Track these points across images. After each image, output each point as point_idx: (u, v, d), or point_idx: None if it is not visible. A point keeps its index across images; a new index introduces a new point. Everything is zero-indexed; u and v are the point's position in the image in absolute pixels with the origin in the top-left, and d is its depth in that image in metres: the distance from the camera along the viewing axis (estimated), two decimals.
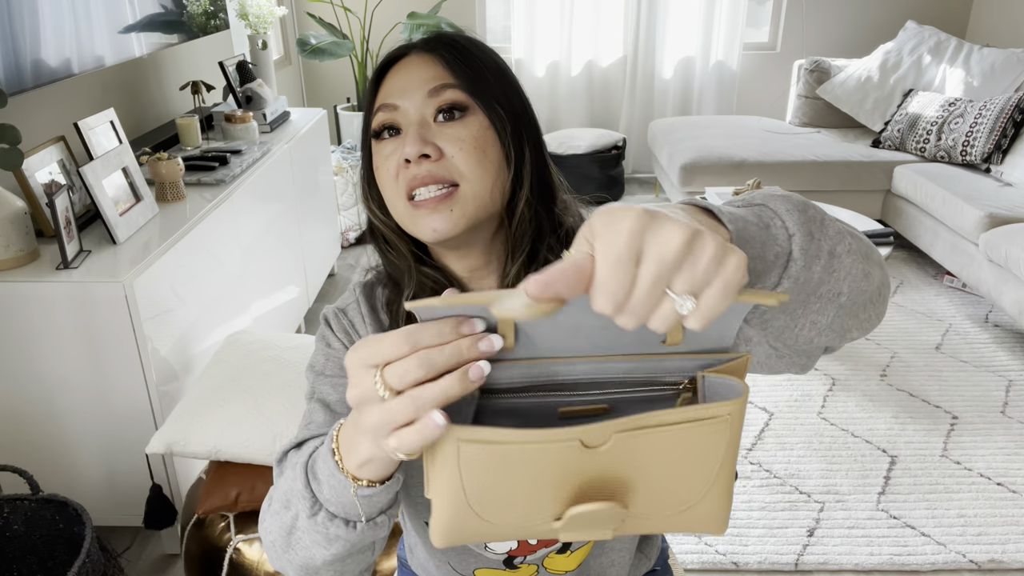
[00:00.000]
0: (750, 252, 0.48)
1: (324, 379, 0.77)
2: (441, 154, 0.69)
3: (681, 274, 0.38)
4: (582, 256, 0.39)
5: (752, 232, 0.49)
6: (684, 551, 1.79)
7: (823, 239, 0.52)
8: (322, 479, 0.59)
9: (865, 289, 0.57)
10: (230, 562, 1.40)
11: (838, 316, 0.56)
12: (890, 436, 2.21)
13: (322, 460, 0.59)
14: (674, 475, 0.47)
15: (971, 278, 2.87)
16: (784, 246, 0.51)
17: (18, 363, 1.60)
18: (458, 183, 0.69)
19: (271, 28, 3.14)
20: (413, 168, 0.69)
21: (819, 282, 0.53)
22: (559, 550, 0.83)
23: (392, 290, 0.79)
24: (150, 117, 2.52)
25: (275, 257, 2.42)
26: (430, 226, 0.69)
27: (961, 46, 3.74)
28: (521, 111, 0.75)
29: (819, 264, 0.52)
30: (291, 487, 0.62)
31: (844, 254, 0.53)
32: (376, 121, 0.73)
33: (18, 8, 1.66)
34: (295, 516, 0.61)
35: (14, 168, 1.58)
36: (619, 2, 4.21)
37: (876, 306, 0.61)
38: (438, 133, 0.70)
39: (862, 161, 3.48)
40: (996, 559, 1.77)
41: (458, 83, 0.71)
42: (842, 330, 0.58)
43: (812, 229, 0.52)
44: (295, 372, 1.58)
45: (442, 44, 0.73)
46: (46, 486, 1.70)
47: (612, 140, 4.11)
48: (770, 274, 0.51)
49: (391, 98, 0.72)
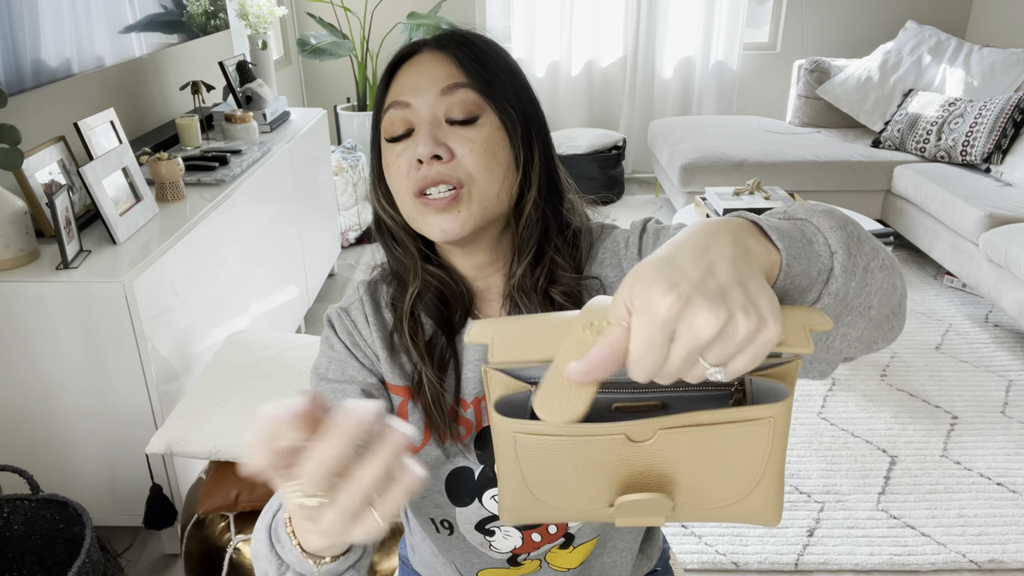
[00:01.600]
0: (796, 269, 0.49)
1: (326, 384, 0.77)
2: (452, 155, 0.69)
3: (712, 351, 0.41)
4: (617, 335, 0.42)
5: (798, 249, 0.50)
6: (684, 551, 1.79)
7: (859, 255, 0.53)
8: (285, 545, 0.58)
9: (891, 301, 0.58)
10: (230, 562, 1.40)
11: (867, 328, 0.57)
12: (890, 436, 2.21)
13: (283, 533, 0.58)
14: (717, 472, 0.50)
15: (971, 278, 2.87)
16: (826, 263, 0.52)
17: (18, 363, 1.60)
18: (465, 184, 0.69)
19: (271, 28, 3.14)
20: (424, 168, 0.69)
21: (853, 296, 0.53)
22: (561, 545, 0.84)
23: (396, 287, 0.79)
24: (150, 117, 2.52)
25: (275, 257, 2.42)
26: (438, 226, 0.70)
27: (961, 46, 3.74)
28: (531, 112, 0.75)
29: (855, 280, 0.53)
30: (257, 549, 0.62)
31: (877, 269, 0.54)
32: (387, 118, 0.72)
33: (18, 8, 1.66)
34: (265, 573, 0.62)
35: (14, 168, 1.58)
36: (619, 2, 4.21)
37: (899, 317, 0.61)
38: (450, 133, 0.70)
39: (862, 161, 3.48)
40: (996, 559, 1.77)
41: (471, 82, 0.71)
42: (869, 341, 0.59)
43: (851, 246, 0.53)
44: (295, 372, 1.58)
45: (455, 42, 0.73)
46: (46, 486, 1.70)
47: (612, 140, 4.11)
48: (812, 290, 0.52)
49: (403, 95, 0.71)
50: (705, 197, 2.87)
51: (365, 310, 0.79)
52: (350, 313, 0.80)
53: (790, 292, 0.50)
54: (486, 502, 0.80)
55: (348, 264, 3.43)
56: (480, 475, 0.79)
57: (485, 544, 0.83)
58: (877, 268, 0.54)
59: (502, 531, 0.81)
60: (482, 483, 0.79)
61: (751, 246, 0.46)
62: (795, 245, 0.50)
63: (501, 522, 0.52)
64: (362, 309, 0.80)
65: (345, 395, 0.76)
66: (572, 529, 0.82)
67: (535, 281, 0.75)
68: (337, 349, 0.78)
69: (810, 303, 0.52)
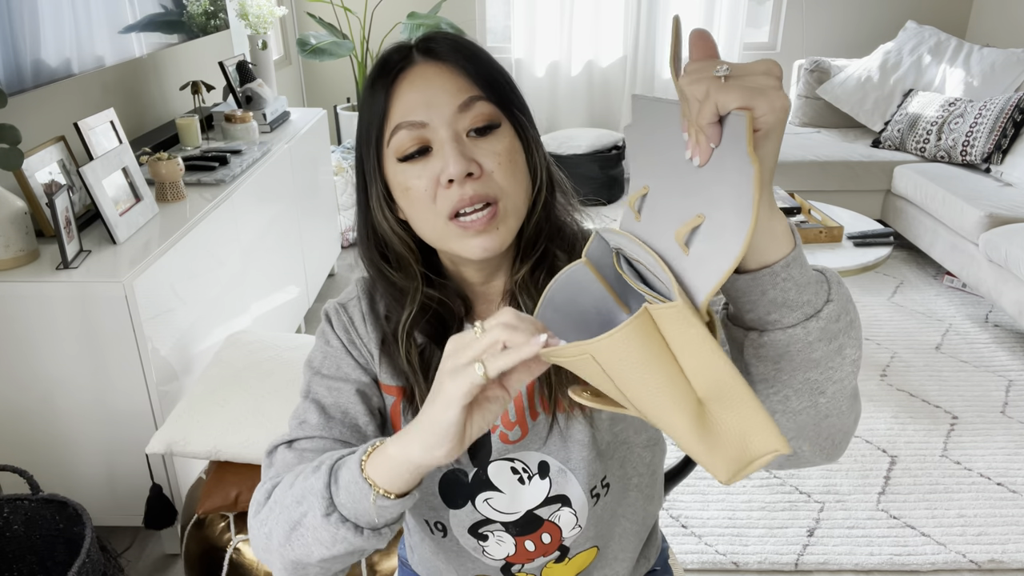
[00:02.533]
0: (797, 277, 0.52)
1: (320, 379, 0.77)
2: (482, 170, 0.67)
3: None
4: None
5: (804, 265, 0.53)
6: (684, 551, 1.79)
7: (846, 333, 0.55)
8: (342, 484, 0.60)
9: (839, 414, 0.58)
10: (230, 562, 1.40)
11: (807, 413, 0.57)
12: (890, 436, 2.21)
13: (346, 468, 0.60)
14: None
15: (971, 278, 2.87)
16: (817, 303, 0.53)
17: (18, 363, 1.60)
18: (500, 199, 0.68)
19: (271, 28, 3.14)
20: (457, 188, 0.66)
21: (815, 364, 0.54)
22: (556, 559, 0.83)
23: (391, 301, 0.78)
24: (150, 117, 2.52)
25: (275, 257, 2.42)
26: (480, 246, 0.68)
27: (961, 46, 3.74)
28: (528, 113, 0.75)
29: (827, 347, 0.54)
30: (308, 485, 0.62)
31: (849, 362, 0.56)
32: (397, 140, 0.68)
33: (18, 8, 1.66)
34: (304, 514, 0.62)
35: (14, 168, 1.58)
36: (619, 2, 4.21)
37: (826, 445, 0.61)
38: (475, 148, 0.68)
39: (862, 161, 3.48)
40: (996, 559, 1.77)
41: (485, 95, 0.69)
42: (798, 431, 0.58)
43: (845, 314, 0.54)
44: (295, 372, 1.58)
45: (451, 50, 0.70)
46: (46, 486, 1.70)
47: (612, 140, 4.11)
48: (794, 312, 0.53)
49: (415, 115, 0.67)
50: None
51: (362, 308, 0.79)
52: (348, 309, 0.80)
53: (780, 289, 0.52)
54: (479, 505, 0.80)
55: (348, 264, 3.43)
56: (474, 478, 0.79)
57: (478, 549, 0.83)
58: (850, 362, 0.56)
59: (495, 536, 0.81)
60: (475, 486, 0.79)
61: (778, 222, 0.51)
62: (805, 262, 0.53)
63: (685, 448, 0.52)
64: (359, 307, 0.79)
65: (339, 393, 0.76)
66: (566, 540, 0.82)
67: (536, 280, 0.75)
68: (333, 345, 0.78)
69: (786, 326, 0.53)
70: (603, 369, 0.50)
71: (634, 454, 0.82)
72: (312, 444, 0.72)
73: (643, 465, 0.84)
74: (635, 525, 0.87)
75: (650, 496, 0.87)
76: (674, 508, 1.93)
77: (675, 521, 1.89)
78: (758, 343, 0.55)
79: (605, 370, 0.50)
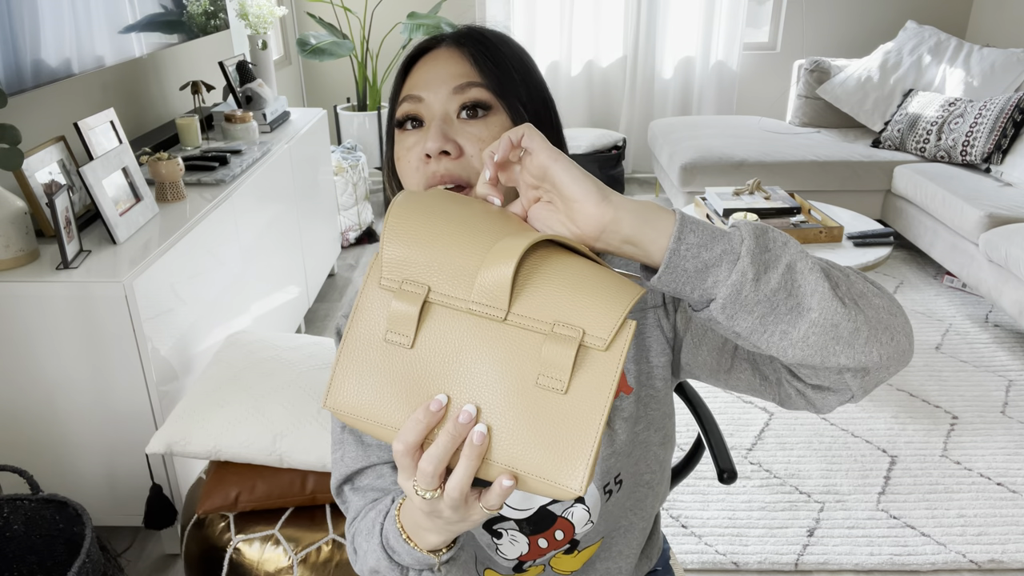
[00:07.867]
0: (694, 240, 0.55)
1: None
2: (461, 152, 0.70)
3: None
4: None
5: (704, 225, 0.56)
6: (684, 551, 1.79)
7: (782, 253, 0.56)
8: (401, 552, 0.65)
9: (845, 315, 0.57)
10: (230, 562, 1.40)
11: (813, 333, 0.57)
12: (890, 436, 2.21)
13: (396, 543, 0.65)
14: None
15: (971, 278, 2.87)
16: (735, 248, 0.55)
17: (18, 363, 1.60)
18: (473, 183, 0.70)
19: (271, 28, 3.14)
20: (432, 164, 0.70)
21: (778, 290, 0.56)
22: (566, 550, 0.84)
23: None
24: (150, 117, 2.52)
25: (275, 257, 2.42)
26: None
27: (961, 46, 3.74)
28: (544, 112, 0.76)
29: (775, 273, 0.55)
30: (375, 565, 0.68)
31: (807, 271, 0.56)
32: (400, 111, 0.74)
33: (18, 8, 1.66)
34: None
35: (14, 168, 1.58)
36: (619, 2, 4.21)
37: (879, 343, 0.60)
38: (460, 130, 0.71)
39: (862, 161, 3.48)
40: (996, 559, 1.77)
41: (484, 82, 0.72)
42: (821, 349, 0.58)
43: (767, 243, 0.56)
44: (295, 372, 1.58)
45: (472, 39, 0.74)
46: (46, 486, 1.71)
47: (612, 140, 4.11)
48: (720, 266, 0.55)
49: (416, 90, 0.73)
50: (705, 197, 2.87)
51: None
52: None
53: (688, 258, 0.55)
54: None
55: (348, 264, 3.43)
56: None
57: (492, 547, 0.83)
58: (807, 270, 0.56)
59: (509, 535, 0.82)
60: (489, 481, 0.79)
61: (653, 212, 0.56)
62: (702, 224, 0.56)
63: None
64: None
65: None
66: (578, 535, 0.82)
67: None
68: None
69: (722, 280, 0.56)
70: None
71: (650, 453, 0.82)
72: (365, 480, 0.77)
73: (656, 463, 0.84)
74: (641, 520, 0.88)
75: (657, 492, 0.88)
76: (674, 508, 1.93)
77: (675, 521, 1.89)
78: (727, 314, 0.57)
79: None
